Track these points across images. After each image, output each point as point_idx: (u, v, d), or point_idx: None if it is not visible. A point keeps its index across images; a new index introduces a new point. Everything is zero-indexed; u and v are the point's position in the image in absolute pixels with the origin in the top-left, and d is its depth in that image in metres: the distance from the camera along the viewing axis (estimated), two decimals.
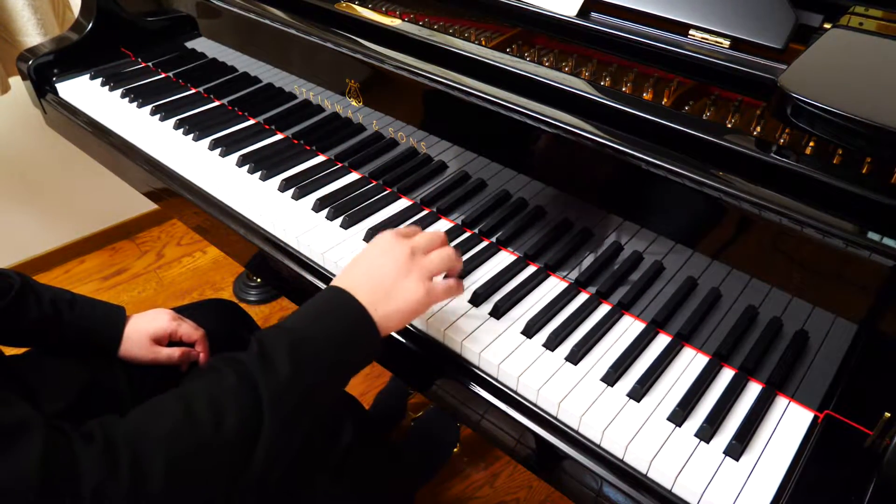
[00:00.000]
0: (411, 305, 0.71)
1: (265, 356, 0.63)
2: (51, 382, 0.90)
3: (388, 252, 0.73)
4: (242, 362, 0.63)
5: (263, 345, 0.64)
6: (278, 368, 0.63)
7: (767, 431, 0.70)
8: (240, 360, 0.63)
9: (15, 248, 2.03)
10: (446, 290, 0.74)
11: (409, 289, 0.71)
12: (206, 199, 1.08)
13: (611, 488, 0.69)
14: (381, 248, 0.74)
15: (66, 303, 0.93)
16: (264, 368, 0.62)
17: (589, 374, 0.76)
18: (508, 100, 0.81)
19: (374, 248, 0.74)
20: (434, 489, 1.49)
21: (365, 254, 0.74)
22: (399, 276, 0.71)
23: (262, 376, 0.62)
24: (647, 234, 0.79)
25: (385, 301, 0.70)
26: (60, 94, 1.37)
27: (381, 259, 0.72)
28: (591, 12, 0.87)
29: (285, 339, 0.65)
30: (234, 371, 0.62)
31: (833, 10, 0.76)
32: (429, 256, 0.74)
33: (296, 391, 0.63)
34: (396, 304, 0.70)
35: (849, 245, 0.62)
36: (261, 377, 0.62)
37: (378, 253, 0.73)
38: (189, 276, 2.11)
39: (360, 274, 0.72)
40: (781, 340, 0.73)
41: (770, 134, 0.75)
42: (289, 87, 1.12)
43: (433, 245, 0.75)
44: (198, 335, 1.02)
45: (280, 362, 0.63)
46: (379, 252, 0.73)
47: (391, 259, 0.72)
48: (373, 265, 0.72)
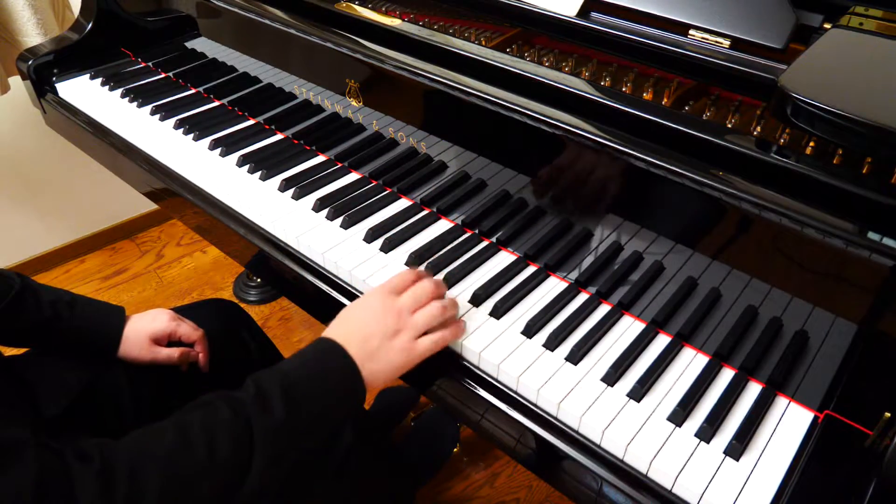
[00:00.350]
0: (395, 366, 0.75)
1: (261, 397, 0.67)
2: (51, 382, 0.90)
3: (377, 312, 0.76)
4: (239, 400, 0.66)
5: (260, 386, 0.68)
6: (273, 410, 0.66)
7: (767, 431, 0.70)
8: (236, 398, 0.66)
9: (15, 248, 2.03)
10: (430, 348, 0.76)
11: (393, 350, 0.74)
12: (206, 199, 1.08)
13: (611, 488, 0.69)
14: (372, 307, 0.77)
15: (65, 304, 0.93)
16: (260, 408, 0.66)
17: (589, 374, 0.76)
18: (508, 100, 0.81)
19: (367, 307, 0.77)
20: (434, 489, 1.49)
21: (357, 310, 0.78)
22: (385, 339, 0.74)
23: (257, 415, 0.65)
24: (647, 234, 0.79)
25: (371, 360, 0.73)
26: (60, 94, 1.37)
27: (371, 318, 0.75)
28: (591, 12, 0.87)
29: (281, 384, 0.68)
30: (230, 407, 0.65)
31: (833, 10, 0.76)
32: (414, 317, 0.76)
33: (286, 432, 0.66)
34: (381, 365, 0.74)
35: (849, 245, 0.62)
36: (255, 416, 0.65)
37: (369, 312, 0.76)
38: (189, 276, 2.11)
39: (351, 331, 0.75)
40: (781, 340, 0.73)
41: (770, 134, 0.74)
42: (289, 87, 1.12)
43: (419, 303, 0.77)
44: (197, 335, 1.02)
45: (275, 404, 0.66)
46: (370, 311, 0.76)
47: (377, 321, 0.75)
48: (362, 323, 0.76)
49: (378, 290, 0.79)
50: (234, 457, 0.63)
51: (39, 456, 0.55)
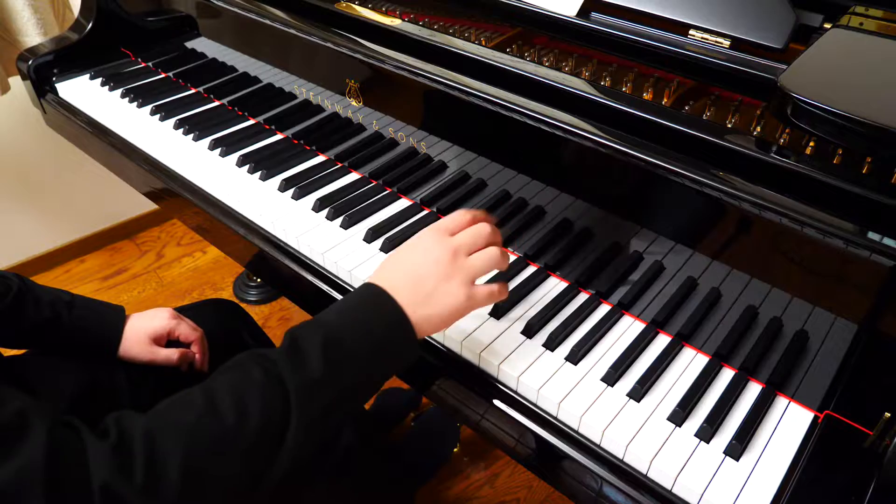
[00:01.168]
0: (450, 311, 0.68)
1: (297, 353, 0.61)
2: (50, 382, 0.90)
3: (430, 252, 0.69)
4: (270, 359, 0.60)
5: (296, 341, 0.62)
6: (310, 367, 0.60)
7: (767, 431, 0.70)
8: (268, 357, 0.61)
9: (15, 248, 2.03)
10: (488, 295, 0.70)
11: (449, 293, 0.67)
12: (206, 199, 1.08)
13: (611, 488, 0.69)
14: (423, 246, 0.70)
15: (64, 304, 0.93)
16: (295, 366, 0.60)
17: (589, 374, 0.76)
18: (508, 100, 0.81)
19: (417, 246, 0.71)
20: (434, 489, 1.49)
21: (407, 251, 0.71)
22: (440, 280, 0.67)
23: (293, 374, 0.59)
24: (647, 234, 0.79)
25: (424, 304, 0.67)
26: (60, 94, 1.37)
27: (422, 259, 0.69)
28: (591, 12, 0.87)
29: (320, 337, 0.62)
30: (261, 367, 0.59)
31: (833, 10, 0.76)
32: (472, 258, 0.70)
33: (327, 392, 0.61)
34: (435, 309, 0.67)
35: (849, 245, 0.62)
36: (289, 373, 0.59)
37: (420, 252, 0.70)
38: (189, 276, 2.11)
39: (401, 273, 0.69)
40: (781, 340, 0.73)
41: (770, 134, 0.74)
42: (289, 87, 1.12)
43: (478, 244, 0.71)
44: (195, 336, 1.02)
45: (313, 361, 0.60)
46: (421, 251, 0.70)
47: (433, 260, 0.68)
48: (414, 265, 0.69)
49: (431, 228, 0.72)
50: (267, 424, 0.57)
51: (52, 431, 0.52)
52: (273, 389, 0.58)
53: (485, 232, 0.72)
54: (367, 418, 1.43)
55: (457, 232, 0.71)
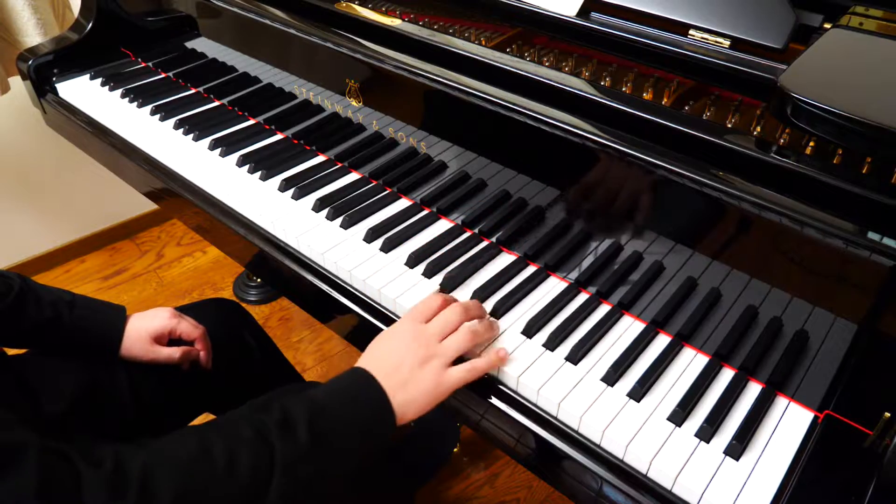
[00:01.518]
0: (426, 395, 0.71)
1: (287, 422, 0.64)
2: (51, 383, 0.90)
3: (405, 340, 0.73)
4: (264, 422, 0.64)
5: (286, 410, 0.65)
6: (297, 436, 0.64)
7: (767, 431, 0.70)
8: (261, 420, 0.64)
9: (15, 248, 2.03)
10: (461, 378, 0.73)
11: (423, 379, 0.71)
12: (206, 199, 1.08)
13: (611, 488, 0.69)
14: (399, 335, 0.74)
15: (65, 304, 0.93)
16: (284, 434, 0.63)
17: (589, 374, 0.76)
18: (508, 100, 0.81)
19: (393, 335, 0.75)
20: (434, 489, 1.49)
21: (386, 339, 0.75)
22: (414, 367, 0.71)
23: (280, 440, 0.63)
24: (647, 234, 0.79)
25: (402, 390, 0.70)
26: (60, 94, 1.37)
27: (398, 348, 0.73)
28: (591, 12, 0.87)
29: (308, 410, 0.66)
30: (254, 427, 0.63)
31: (833, 10, 0.76)
32: (444, 344, 0.73)
33: (310, 460, 0.64)
34: (412, 395, 0.71)
35: (849, 245, 0.62)
36: (278, 440, 0.63)
37: (396, 341, 0.74)
38: (189, 276, 2.11)
39: (382, 361, 0.73)
40: (781, 340, 0.73)
41: (770, 134, 0.75)
42: (289, 87, 1.12)
43: (448, 328, 0.74)
44: (197, 333, 1.02)
45: (300, 430, 0.64)
46: (397, 340, 0.74)
47: (406, 348, 0.72)
48: (391, 353, 0.73)
49: (406, 318, 0.77)
50: (253, 477, 0.61)
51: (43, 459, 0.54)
52: (262, 448, 0.62)
53: (454, 316, 0.75)
54: None
55: (430, 318, 0.75)
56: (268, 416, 0.65)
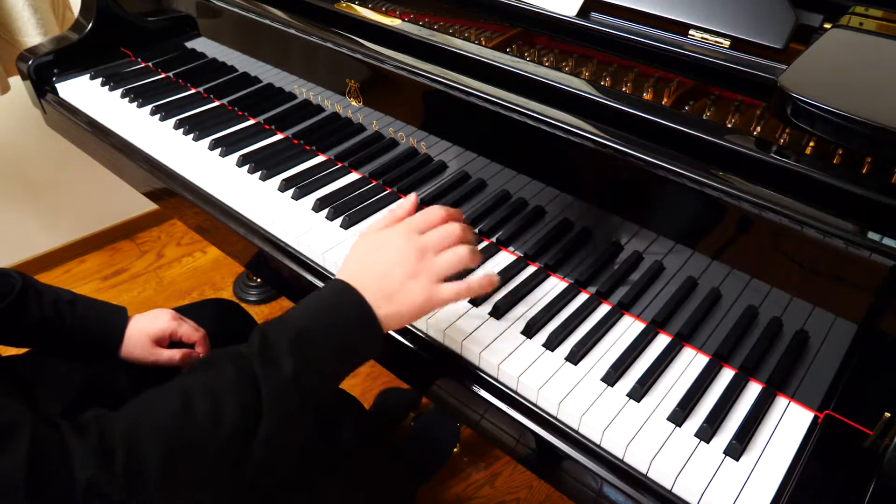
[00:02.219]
0: (415, 308, 0.69)
1: (267, 351, 0.62)
2: (51, 383, 0.90)
3: (398, 250, 0.70)
4: (244, 356, 0.62)
5: (266, 339, 0.63)
6: (280, 365, 0.62)
7: (767, 431, 0.70)
8: (241, 355, 0.62)
9: (15, 248, 2.03)
10: (453, 294, 0.70)
11: (414, 291, 0.68)
12: (206, 199, 1.08)
13: (611, 488, 0.69)
14: (392, 243, 0.71)
15: (67, 303, 0.93)
16: (266, 364, 0.61)
17: (589, 374, 0.76)
18: (508, 100, 0.81)
19: (386, 242, 0.71)
20: (434, 489, 1.49)
21: (375, 246, 0.72)
22: (406, 277, 0.68)
23: (264, 372, 0.61)
24: (647, 234, 0.79)
25: (389, 301, 0.68)
26: (60, 94, 1.37)
27: (389, 256, 0.69)
28: (591, 12, 0.87)
29: (289, 335, 0.63)
30: (235, 365, 0.61)
31: (833, 10, 0.76)
32: (439, 257, 0.70)
33: (297, 388, 0.62)
34: (399, 307, 0.68)
35: (849, 245, 0.62)
36: (262, 373, 0.61)
37: (388, 249, 0.70)
38: (189, 276, 2.11)
39: (367, 269, 0.69)
40: (781, 340, 0.73)
41: (770, 134, 0.74)
42: (289, 87, 1.12)
43: (445, 243, 0.71)
44: (198, 336, 1.02)
45: (283, 359, 0.62)
46: (389, 248, 0.70)
47: (399, 258, 0.69)
48: (380, 262, 0.69)
49: (401, 225, 0.72)
50: (241, 420, 0.59)
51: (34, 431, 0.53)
52: (246, 388, 0.60)
53: (454, 231, 0.72)
54: (367, 418, 1.43)
55: (426, 230, 0.72)
56: (249, 348, 0.63)
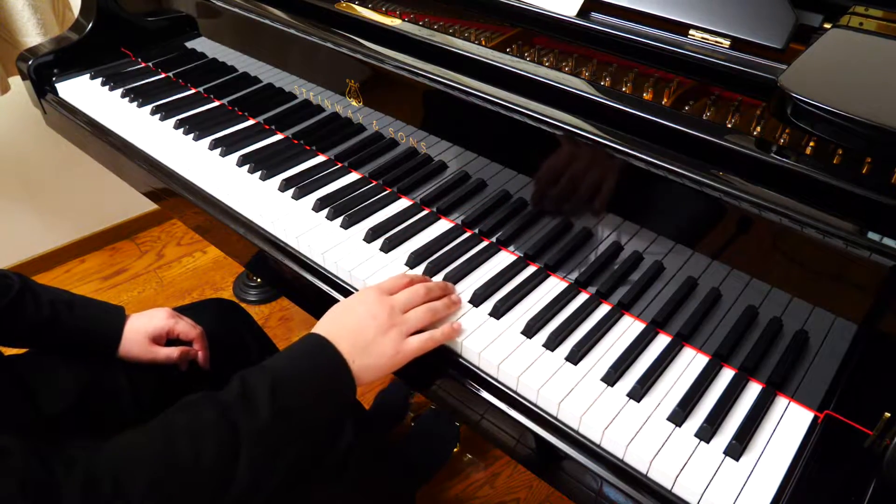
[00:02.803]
0: (385, 361, 0.75)
1: (246, 396, 0.66)
2: (50, 383, 0.90)
3: (370, 308, 0.76)
4: (224, 401, 0.65)
5: (246, 385, 0.67)
6: (258, 410, 0.65)
7: (767, 431, 0.70)
8: (221, 400, 0.65)
9: (15, 248, 2.03)
10: (419, 346, 0.76)
11: (385, 345, 0.74)
12: (206, 199, 1.08)
13: (611, 488, 0.69)
14: (364, 303, 0.77)
15: (64, 304, 0.93)
16: (245, 409, 0.65)
17: (589, 374, 0.76)
18: (508, 100, 0.81)
19: (359, 302, 0.78)
20: (434, 489, 1.49)
21: (348, 306, 0.78)
22: (377, 334, 0.75)
23: (242, 416, 0.64)
24: (647, 234, 0.79)
25: (363, 354, 0.73)
26: (60, 94, 1.37)
27: (362, 314, 0.76)
28: (591, 12, 0.87)
29: (268, 382, 0.67)
30: (215, 409, 0.64)
31: (833, 10, 0.76)
32: (407, 315, 0.77)
33: (274, 433, 0.66)
34: (372, 360, 0.74)
35: (849, 245, 0.62)
36: (240, 416, 0.64)
37: (361, 308, 0.77)
38: (189, 276, 2.11)
39: (343, 325, 0.75)
40: (781, 340, 0.73)
41: (770, 134, 0.74)
42: (289, 87, 1.12)
43: (412, 303, 0.79)
44: (195, 333, 1.02)
45: (260, 404, 0.65)
46: (362, 307, 0.77)
47: (371, 315, 0.75)
48: (354, 319, 0.76)
49: (371, 288, 0.80)
50: (220, 461, 0.62)
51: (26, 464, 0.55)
52: (225, 429, 0.63)
53: (420, 292, 0.80)
54: (367, 418, 1.43)
55: (395, 292, 0.79)
56: (228, 392, 0.66)
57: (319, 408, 0.71)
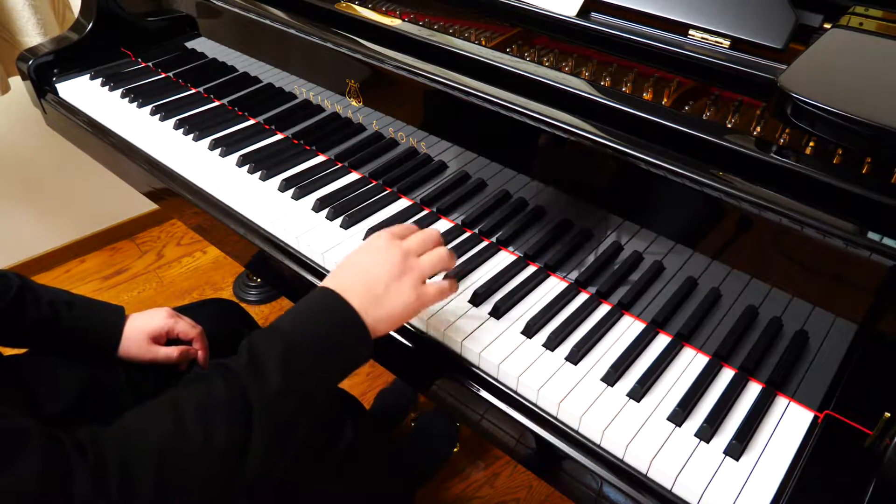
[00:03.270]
0: (402, 310, 0.71)
1: (256, 364, 0.63)
2: (50, 383, 0.90)
3: (381, 255, 0.72)
4: (233, 371, 0.62)
5: (254, 352, 0.64)
6: (269, 378, 0.62)
7: (767, 431, 0.70)
8: (230, 369, 0.63)
9: (15, 248, 2.03)
10: (438, 292, 0.74)
11: (400, 293, 0.70)
12: (206, 199, 1.08)
13: (611, 488, 0.69)
14: (374, 249, 0.73)
15: (64, 304, 0.93)
16: (255, 378, 0.62)
17: (589, 374, 0.76)
18: (508, 100, 0.81)
19: (368, 249, 0.74)
20: (434, 489, 1.49)
21: (358, 255, 0.74)
22: (391, 280, 0.70)
23: (253, 386, 0.61)
24: (647, 234, 0.79)
25: (376, 305, 0.69)
26: (60, 94, 1.37)
27: (373, 262, 0.71)
28: (591, 12, 0.87)
29: (277, 346, 0.64)
30: (225, 380, 0.61)
31: (833, 10, 0.76)
32: (421, 259, 0.73)
33: (287, 400, 0.63)
34: (387, 309, 0.70)
35: (849, 245, 0.62)
36: (251, 387, 0.61)
37: (371, 255, 0.72)
38: (189, 276, 2.11)
39: (353, 276, 0.71)
40: (781, 340, 0.73)
41: (770, 134, 0.75)
42: (289, 87, 1.12)
43: (426, 247, 0.74)
44: (195, 332, 1.02)
45: (271, 371, 0.62)
46: (372, 254, 0.72)
47: (383, 262, 0.71)
48: (365, 268, 0.71)
49: (382, 233, 0.75)
50: (232, 436, 0.59)
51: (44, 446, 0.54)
52: (236, 403, 0.60)
53: (433, 235, 0.76)
54: (367, 418, 1.43)
55: (406, 237, 0.75)
56: (237, 361, 0.63)
57: (333, 366, 0.67)
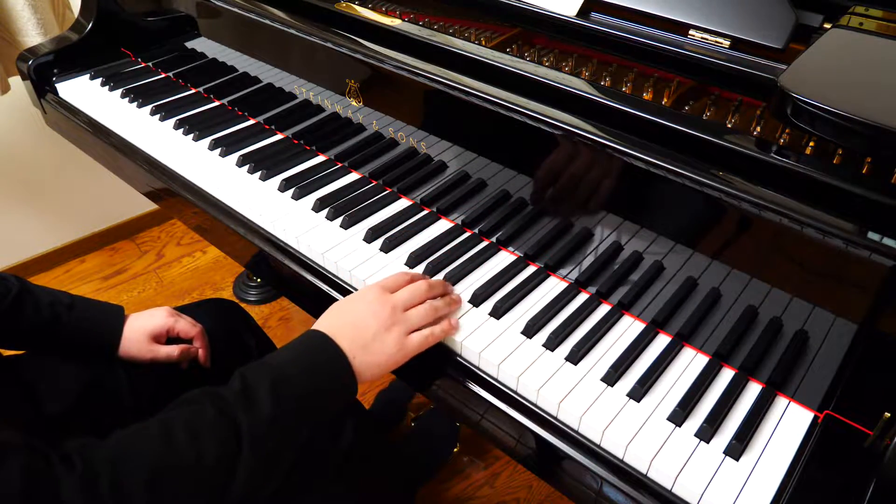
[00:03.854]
0: (386, 359, 0.75)
1: (247, 392, 0.66)
2: (51, 383, 0.90)
3: (372, 306, 0.76)
4: (224, 397, 0.65)
5: (246, 381, 0.67)
6: (259, 405, 0.65)
7: (767, 431, 0.70)
8: (221, 395, 0.65)
9: (15, 248, 2.03)
10: (420, 344, 0.77)
11: (386, 343, 0.74)
12: (206, 199, 1.08)
13: (611, 488, 0.69)
14: (365, 301, 0.77)
15: (64, 305, 0.93)
16: (246, 404, 0.65)
17: (589, 374, 0.76)
18: (508, 100, 0.81)
19: (360, 299, 0.78)
20: (434, 489, 1.49)
21: (349, 303, 0.78)
22: (379, 330, 0.74)
23: (243, 411, 0.64)
24: (647, 234, 0.79)
25: (364, 351, 0.73)
26: (60, 94, 1.37)
27: (364, 311, 0.76)
28: (591, 12, 0.87)
29: (268, 378, 0.67)
30: (214, 405, 0.64)
31: (833, 10, 0.76)
32: (409, 313, 0.77)
33: (274, 428, 0.65)
34: (374, 357, 0.74)
35: (849, 245, 0.62)
36: (241, 412, 0.64)
37: (362, 305, 0.77)
38: (189, 276, 2.11)
39: (344, 323, 0.75)
40: (781, 340, 0.73)
41: (770, 134, 0.75)
42: (289, 87, 1.12)
43: (414, 301, 0.78)
44: (195, 331, 1.02)
45: (261, 399, 0.65)
46: (363, 304, 0.77)
47: (374, 313, 0.75)
48: (356, 315, 0.76)
49: (373, 286, 0.79)
50: (221, 458, 0.62)
51: (27, 459, 0.55)
52: (225, 426, 0.63)
53: (421, 289, 0.80)
54: (367, 418, 1.43)
55: (396, 290, 0.79)
56: (229, 389, 0.66)
57: (320, 404, 0.71)
